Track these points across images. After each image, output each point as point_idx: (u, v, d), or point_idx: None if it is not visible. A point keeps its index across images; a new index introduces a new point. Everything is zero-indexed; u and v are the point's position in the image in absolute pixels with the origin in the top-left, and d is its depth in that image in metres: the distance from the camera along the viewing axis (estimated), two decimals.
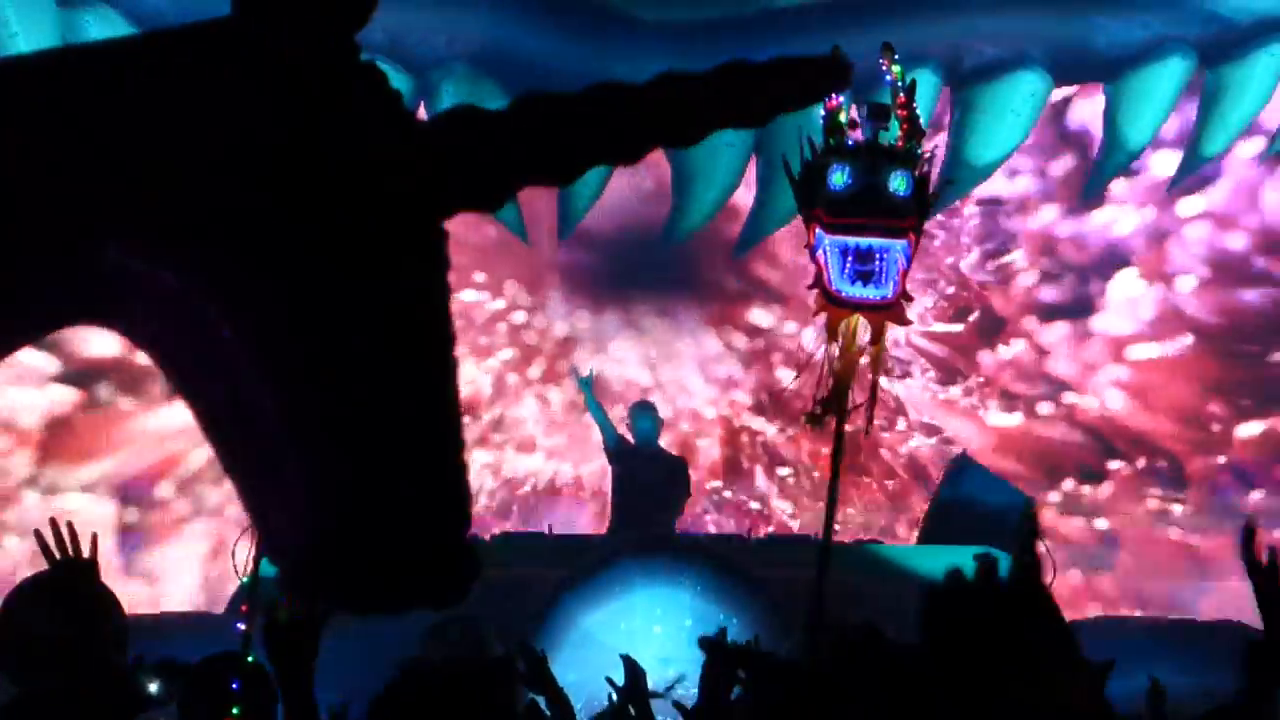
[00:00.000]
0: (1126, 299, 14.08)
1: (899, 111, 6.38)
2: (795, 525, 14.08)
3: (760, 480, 14.50)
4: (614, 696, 5.37)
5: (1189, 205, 13.89)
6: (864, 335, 6.40)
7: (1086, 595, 13.70)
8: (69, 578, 3.70)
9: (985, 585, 2.53)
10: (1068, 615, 3.24)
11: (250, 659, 5.49)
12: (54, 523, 3.66)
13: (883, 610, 8.91)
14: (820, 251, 6.32)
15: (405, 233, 1.41)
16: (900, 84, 6.55)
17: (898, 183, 6.31)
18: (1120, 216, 14.04)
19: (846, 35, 12.09)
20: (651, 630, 10.29)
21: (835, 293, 6.35)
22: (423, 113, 11.06)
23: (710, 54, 9.58)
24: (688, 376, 14.58)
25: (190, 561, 13.74)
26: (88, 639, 3.60)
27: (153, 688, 4.21)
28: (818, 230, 6.32)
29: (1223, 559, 12.97)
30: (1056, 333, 14.29)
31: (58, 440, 13.54)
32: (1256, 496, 13.81)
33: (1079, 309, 14.29)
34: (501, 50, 12.27)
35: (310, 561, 1.48)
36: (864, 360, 6.45)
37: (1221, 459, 14.06)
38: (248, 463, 1.49)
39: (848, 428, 6.35)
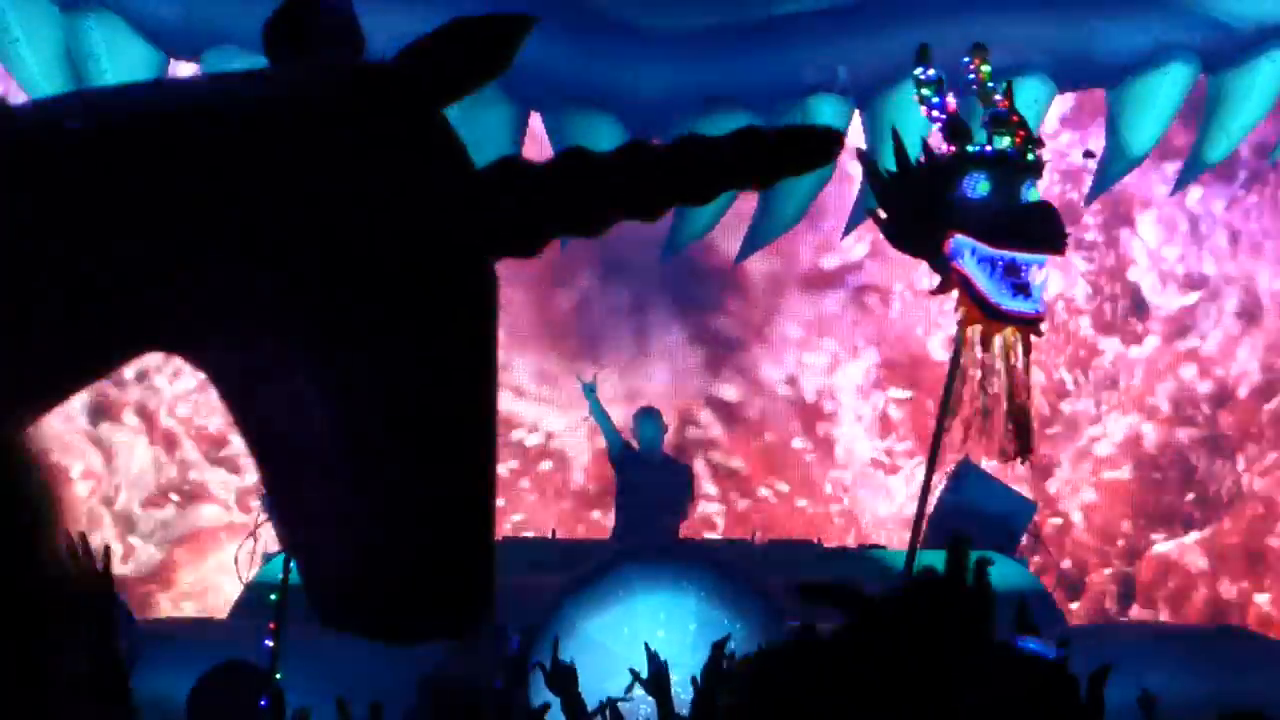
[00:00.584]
0: None
1: (1012, 118, 6.54)
2: None
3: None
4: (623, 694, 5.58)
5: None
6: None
7: None
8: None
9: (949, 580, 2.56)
10: None
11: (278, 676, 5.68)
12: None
13: None
14: (961, 261, 6.32)
15: (463, 282, 1.49)
16: (992, 85, 6.76)
17: (1030, 193, 6.45)
18: None
19: (845, 42, 12.14)
20: (655, 635, 10.11)
21: (995, 305, 6.32)
22: None
23: (710, 60, 9.50)
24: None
25: None
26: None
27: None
28: (958, 238, 6.31)
29: None
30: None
31: None
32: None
33: None
34: None
35: (346, 593, 1.55)
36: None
37: None
38: (294, 494, 1.53)
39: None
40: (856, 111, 12.35)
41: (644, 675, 5.54)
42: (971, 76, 6.96)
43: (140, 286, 1.36)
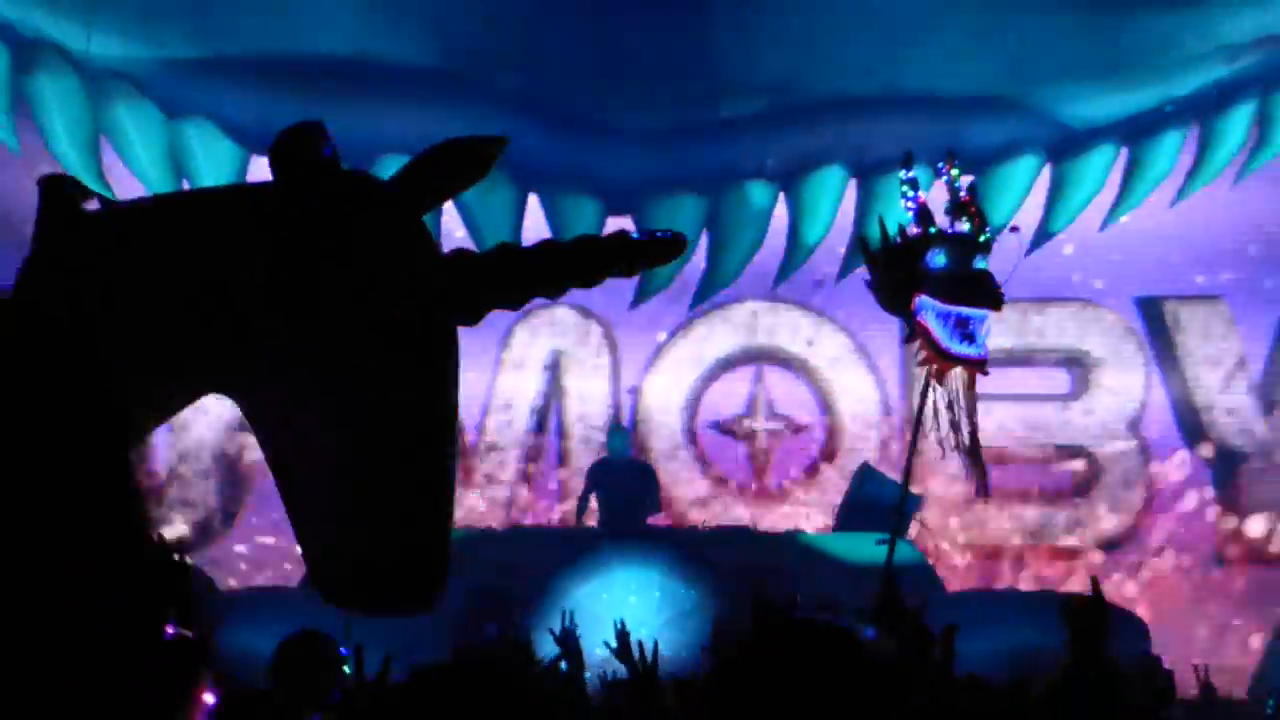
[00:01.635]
0: None
1: (970, 209, 7.76)
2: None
3: None
4: (602, 653, 6.32)
5: None
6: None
7: None
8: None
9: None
10: None
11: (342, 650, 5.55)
12: None
13: (807, 585, 10.04)
14: (922, 315, 7.49)
15: (429, 337, 1.73)
16: (960, 186, 7.90)
17: (980, 264, 7.60)
18: None
19: (775, 138, 14.46)
20: (628, 600, 11.49)
21: (946, 350, 7.45)
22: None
23: (671, 153, 12.20)
24: None
25: None
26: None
27: None
28: (921, 298, 7.49)
29: None
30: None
31: None
32: None
33: None
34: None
35: (340, 575, 1.83)
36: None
37: None
38: (303, 500, 1.85)
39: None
40: (782, 194, 14.48)
41: (616, 647, 5.78)
42: (946, 177, 8.02)
43: (225, 344, 1.62)
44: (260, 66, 13.31)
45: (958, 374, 7.55)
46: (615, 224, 13.09)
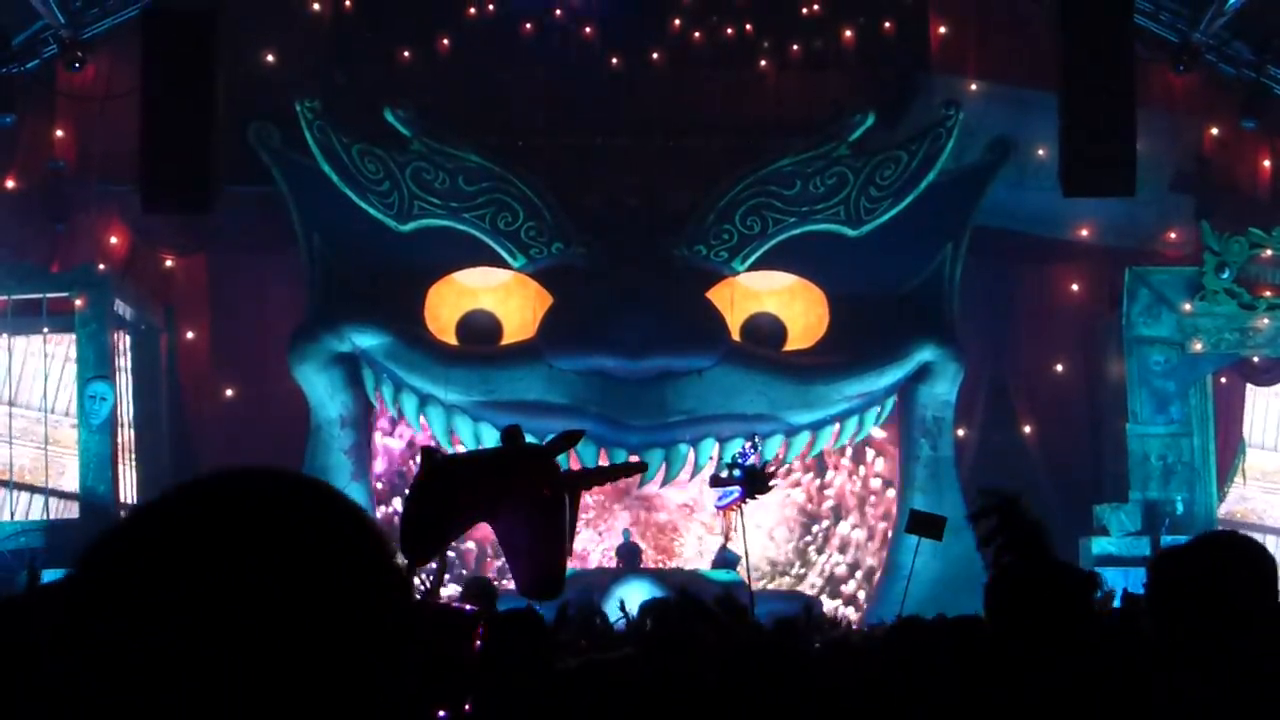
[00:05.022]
0: None
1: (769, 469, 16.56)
2: None
3: None
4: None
5: None
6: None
7: None
8: None
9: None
10: None
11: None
12: None
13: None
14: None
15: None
16: (763, 459, 17.39)
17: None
18: None
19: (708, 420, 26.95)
20: (635, 601, 17.90)
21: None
22: None
23: (654, 434, 26.55)
24: None
25: None
26: None
27: None
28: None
29: None
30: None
31: None
32: None
33: None
34: None
35: None
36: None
37: None
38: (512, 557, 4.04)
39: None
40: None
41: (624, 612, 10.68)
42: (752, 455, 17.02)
43: None
44: None
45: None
46: None
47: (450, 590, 14.88)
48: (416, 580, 4.35)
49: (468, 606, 4.80)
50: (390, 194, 22.34)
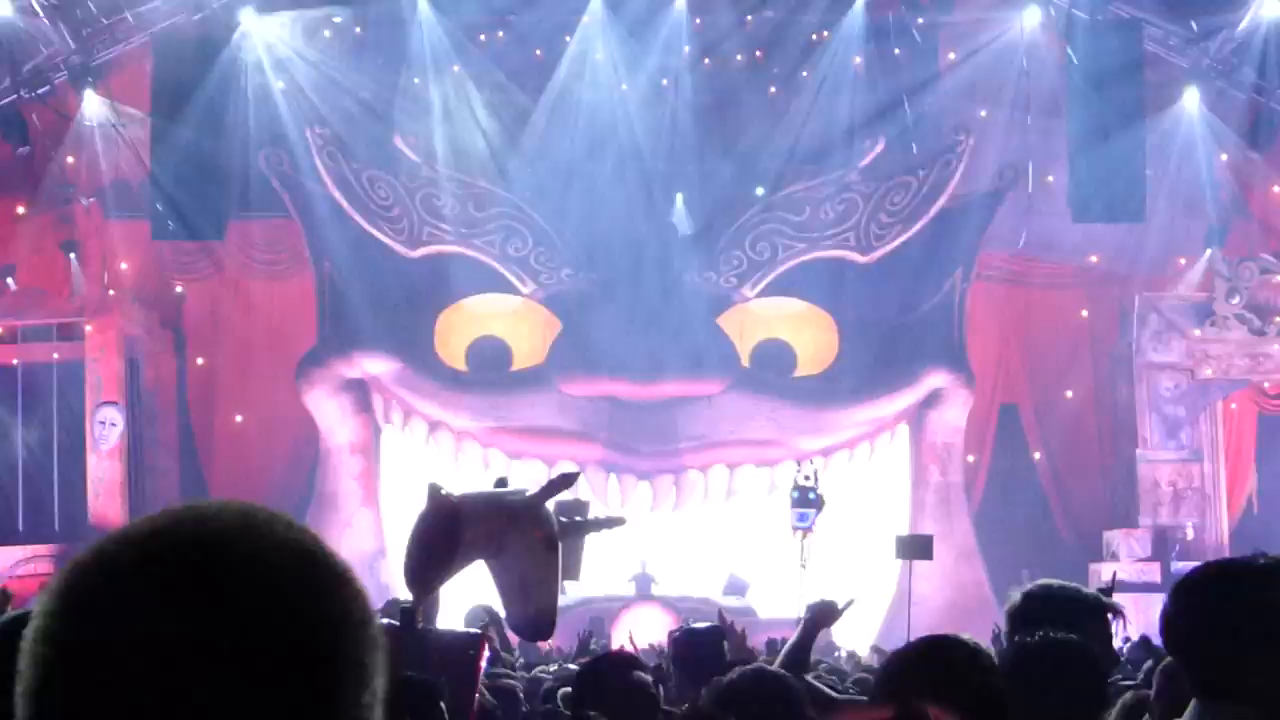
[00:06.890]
0: None
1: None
2: None
3: None
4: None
5: None
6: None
7: None
8: None
9: None
10: None
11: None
12: None
13: None
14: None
15: None
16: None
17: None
18: None
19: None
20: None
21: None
22: None
23: (658, 459, 25.57)
24: None
25: None
26: None
27: None
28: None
29: None
30: None
31: None
32: None
33: None
34: None
35: None
36: None
37: None
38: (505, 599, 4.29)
39: None
40: None
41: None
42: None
43: None
44: None
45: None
46: None
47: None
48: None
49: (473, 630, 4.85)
50: (400, 220, 22.45)
